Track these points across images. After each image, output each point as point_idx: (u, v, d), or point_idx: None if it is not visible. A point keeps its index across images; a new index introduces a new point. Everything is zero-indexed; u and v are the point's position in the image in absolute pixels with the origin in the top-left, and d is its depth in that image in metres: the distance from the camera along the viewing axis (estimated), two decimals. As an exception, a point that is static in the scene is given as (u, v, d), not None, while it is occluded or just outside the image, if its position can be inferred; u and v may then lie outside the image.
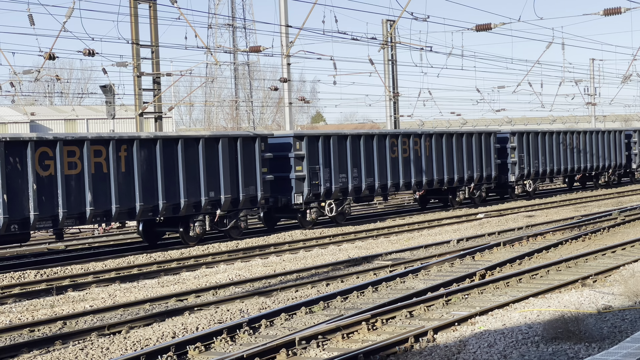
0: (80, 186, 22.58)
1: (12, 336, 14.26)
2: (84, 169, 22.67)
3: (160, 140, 24.58)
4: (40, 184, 21.72)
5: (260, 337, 13.27)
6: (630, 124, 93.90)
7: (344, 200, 30.63)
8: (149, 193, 24.19)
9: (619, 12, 28.84)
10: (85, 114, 77.30)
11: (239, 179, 26.66)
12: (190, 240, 25.72)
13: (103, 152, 23.22)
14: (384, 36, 43.74)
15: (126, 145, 23.78)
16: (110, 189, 23.26)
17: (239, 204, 26.76)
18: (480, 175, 37.09)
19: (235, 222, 26.78)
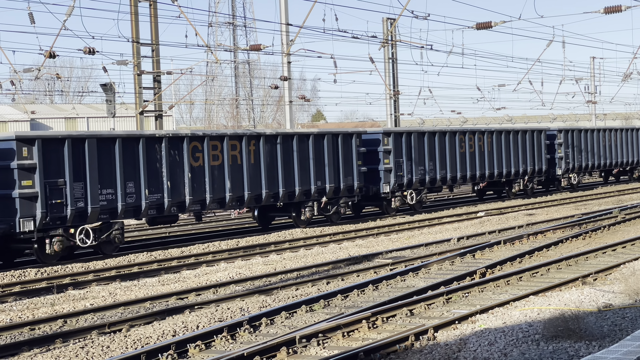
0: (221, 175, 26.25)
1: (12, 334, 14.27)
2: (224, 161, 26.30)
3: (280, 136, 28.20)
4: (193, 173, 25.40)
5: (261, 336, 13.28)
6: (630, 122, 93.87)
7: (421, 190, 34.25)
8: (272, 182, 27.82)
9: (619, 10, 28.82)
10: (86, 113, 77.29)
11: (340, 170, 30.33)
12: (301, 224, 29.30)
13: (238, 146, 26.81)
14: (384, 34, 43.73)
15: (254, 141, 27.36)
16: (243, 178, 26.88)
17: (340, 192, 30.46)
18: (533, 169, 40.79)
19: (337, 207, 30.38)
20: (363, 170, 31.36)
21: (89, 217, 22.86)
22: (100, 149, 23.21)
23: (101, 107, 72.25)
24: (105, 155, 23.37)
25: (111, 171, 23.46)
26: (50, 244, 22.05)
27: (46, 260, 22.29)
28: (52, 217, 21.97)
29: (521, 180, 40.16)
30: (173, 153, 25.03)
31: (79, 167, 22.68)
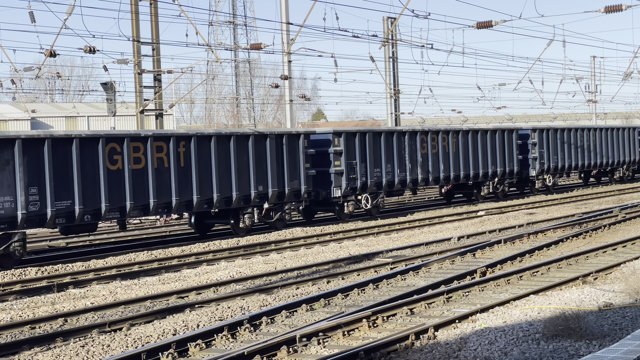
0: (144, 180, 24.09)
1: (13, 333, 14.27)
2: (147, 164, 24.16)
3: (215, 136, 26.04)
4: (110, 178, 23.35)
5: (261, 334, 13.28)
6: (631, 122, 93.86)
7: (378, 194, 32.20)
8: (205, 186, 25.69)
9: (620, 10, 28.81)
10: (86, 111, 77.30)
11: (284, 174, 28.23)
12: (240, 232, 27.18)
13: (164, 148, 24.66)
14: (384, 33, 43.73)
15: (184, 142, 25.28)
16: (171, 182, 24.75)
17: (285, 197, 28.30)
18: (504, 170, 38.74)
19: (281, 214, 28.27)
20: (311, 173, 29.18)
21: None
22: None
23: (102, 106, 72.26)
24: (3, 157, 21.10)
25: (9, 176, 21.11)
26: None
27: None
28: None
29: (490, 182, 37.87)
30: (87, 155, 22.80)
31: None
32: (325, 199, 30.44)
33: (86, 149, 22.77)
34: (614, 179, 49.20)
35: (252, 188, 27.02)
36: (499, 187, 38.68)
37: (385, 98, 46.42)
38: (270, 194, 27.61)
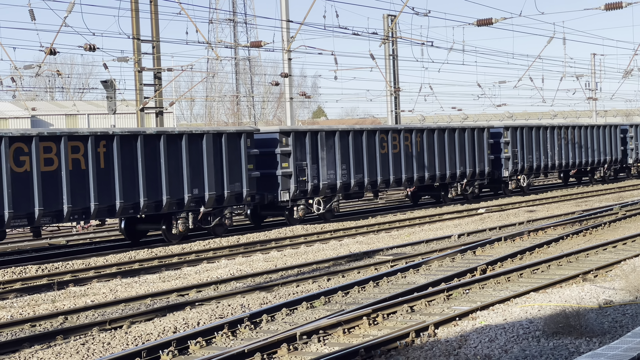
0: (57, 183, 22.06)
1: (13, 331, 14.28)
2: (61, 166, 22.14)
3: (141, 136, 24.00)
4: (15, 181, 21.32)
5: (262, 332, 13.28)
6: (631, 119, 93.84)
7: (332, 197, 30.32)
8: (130, 190, 23.67)
9: (620, 7, 28.80)
10: (86, 109, 77.30)
11: (224, 176, 26.22)
12: (173, 238, 25.21)
13: (81, 149, 22.66)
14: (385, 31, 43.72)
15: (105, 141, 23.18)
16: (89, 186, 22.71)
17: (224, 201, 26.30)
18: (473, 171, 36.72)
19: (220, 219, 26.28)
20: (255, 175, 27.27)
21: None
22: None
23: (102, 103, 72.24)
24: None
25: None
26: None
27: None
28: None
29: (459, 184, 36.02)
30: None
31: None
32: (272, 202, 28.68)
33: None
34: (595, 179, 47.22)
35: (185, 191, 25.03)
36: (467, 189, 36.61)
37: (386, 96, 46.42)
38: (207, 198, 25.62)
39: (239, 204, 27.03)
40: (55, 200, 22.05)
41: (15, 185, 21.32)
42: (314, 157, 29.49)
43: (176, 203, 24.98)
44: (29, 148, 21.63)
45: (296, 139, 28.92)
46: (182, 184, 25.05)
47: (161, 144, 24.52)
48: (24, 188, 21.49)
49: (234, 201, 26.67)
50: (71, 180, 22.30)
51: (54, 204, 22.04)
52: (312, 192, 29.46)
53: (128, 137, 23.77)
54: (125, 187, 23.52)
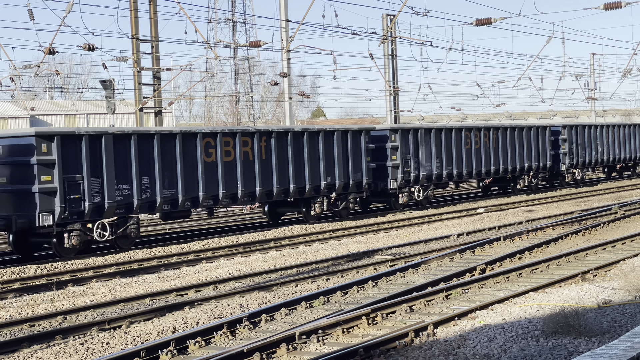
0: (234, 171, 26.78)
1: (12, 331, 14.28)
2: (236, 157, 26.86)
3: (291, 133, 28.55)
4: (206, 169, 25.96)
5: (261, 332, 13.28)
6: (630, 119, 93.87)
7: (428, 186, 34.88)
8: (283, 178, 28.38)
9: (619, 7, 28.80)
10: (86, 109, 77.26)
11: (349, 166, 30.67)
12: (311, 219, 29.67)
13: (249, 143, 27.43)
14: (384, 31, 43.71)
15: (266, 137, 27.91)
16: (255, 173, 27.45)
17: (349, 188, 30.76)
18: (538, 164, 41.15)
19: (346, 203, 30.70)
20: (372, 166, 31.75)
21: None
22: None
23: (101, 103, 72.22)
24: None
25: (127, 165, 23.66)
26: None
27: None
28: None
29: (526, 176, 40.53)
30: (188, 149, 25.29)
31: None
32: (383, 190, 32.89)
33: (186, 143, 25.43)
34: (636, 172, 51.42)
35: (322, 179, 29.69)
36: (533, 181, 41.15)
37: (385, 95, 46.41)
38: (337, 185, 30.12)
39: (360, 191, 31.37)
40: (233, 185, 26.70)
41: (207, 172, 25.82)
42: (415, 151, 33.77)
43: (314, 189, 29.39)
44: (214, 142, 26.26)
45: (402, 136, 33.20)
46: (319, 173, 29.61)
47: (304, 140, 29.04)
48: (212, 174, 26.06)
49: (356, 188, 31.12)
50: (243, 169, 27.00)
51: (232, 188, 26.67)
52: (414, 181, 33.71)
53: (280, 133, 28.41)
54: (280, 176, 28.12)
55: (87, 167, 22.78)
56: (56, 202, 22.19)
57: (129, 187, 23.80)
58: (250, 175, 27.22)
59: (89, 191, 22.74)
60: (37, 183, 21.94)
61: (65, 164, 22.40)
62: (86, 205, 22.74)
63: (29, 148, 22.25)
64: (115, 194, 23.39)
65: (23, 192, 22.22)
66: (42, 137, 22.25)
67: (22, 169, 22.28)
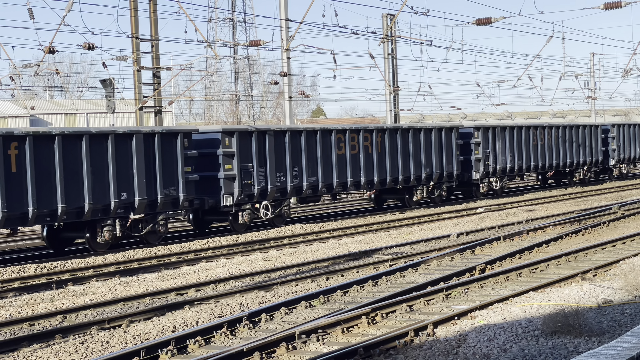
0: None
1: (12, 330, 14.27)
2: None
3: (59, 137, 22.16)
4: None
5: (261, 331, 13.28)
6: (630, 118, 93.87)
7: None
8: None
9: (619, 6, 28.79)
10: (85, 108, 77.28)
11: (156, 179, 24.47)
12: (98, 247, 23.48)
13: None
14: (384, 30, 43.70)
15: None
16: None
17: (157, 207, 24.56)
18: (441, 173, 35.18)
19: (153, 226, 24.49)
20: (193, 178, 25.44)
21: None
22: None
23: (101, 102, 72.19)
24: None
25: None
26: None
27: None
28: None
29: (424, 186, 34.37)
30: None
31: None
32: (214, 207, 27.03)
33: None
34: (574, 181, 45.72)
35: (422, 170, 32.86)
36: (435, 192, 35.29)
37: (385, 95, 46.40)
38: (138, 203, 23.85)
39: (175, 209, 25.53)
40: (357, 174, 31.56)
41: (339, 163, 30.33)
42: (261, 159, 28.07)
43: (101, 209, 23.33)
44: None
45: (241, 140, 27.42)
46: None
47: (83, 145, 22.71)
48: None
49: (169, 206, 25.11)
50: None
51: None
52: (259, 195, 27.95)
53: (44, 137, 22.03)
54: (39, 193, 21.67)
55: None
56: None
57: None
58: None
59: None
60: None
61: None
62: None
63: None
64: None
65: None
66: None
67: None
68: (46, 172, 21.91)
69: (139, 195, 23.93)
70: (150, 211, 24.47)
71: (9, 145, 21.26)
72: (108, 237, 23.39)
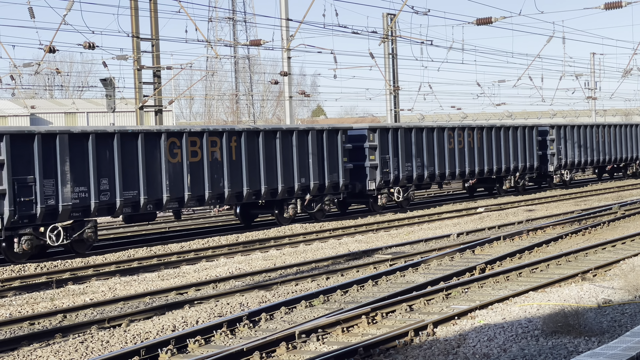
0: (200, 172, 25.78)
1: (12, 329, 14.27)
2: (203, 157, 25.84)
3: (262, 132, 27.53)
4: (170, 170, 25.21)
5: (261, 331, 13.28)
6: (630, 118, 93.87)
7: (408, 187, 33.89)
8: (253, 179, 27.32)
9: (619, 6, 28.79)
10: (86, 107, 77.27)
11: (325, 167, 29.67)
12: (284, 221, 28.55)
13: (218, 143, 26.39)
14: (384, 30, 43.69)
15: (235, 137, 26.87)
16: (224, 174, 26.43)
17: (325, 190, 29.81)
18: (524, 165, 40.03)
19: (321, 205, 29.70)
20: (349, 167, 30.74)
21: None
22: None
23: (101, 102, 72.22)
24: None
25: None
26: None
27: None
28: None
29: (512, 177, 39.43)
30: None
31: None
32: (361, 191, 31.99)
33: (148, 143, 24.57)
34: (627, 174, 50.41)
35: (295, 181, 28.76)
36: (519, 182, 40.11)
37: (385, 94, 46.40)
38: (312, 186, 29.19)
39: (336, 192, 30.48)
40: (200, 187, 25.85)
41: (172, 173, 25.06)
42: (394, 151, 32.79)
43: (287, 191, 28.37)
44: (180, 142, 25.30)
45: (381, 135, 32.22)
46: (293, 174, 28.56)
47: (277, 140, 28.12)
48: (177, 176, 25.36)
49: (332, 189, 30.21)
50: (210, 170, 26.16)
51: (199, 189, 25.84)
52: (393, 182, 32.75)
53: (252, 133, 27.34)
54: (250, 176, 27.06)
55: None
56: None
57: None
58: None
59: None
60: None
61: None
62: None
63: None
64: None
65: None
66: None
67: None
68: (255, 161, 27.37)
69: (313, 180, 29.13)
70: (319, 193, 29.51)
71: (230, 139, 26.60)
72: (292, 213, 28.64)
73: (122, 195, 23.53)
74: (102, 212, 23.52)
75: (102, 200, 23.09)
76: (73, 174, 22.40)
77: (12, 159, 21.35)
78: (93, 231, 23.13)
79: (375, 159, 32.05)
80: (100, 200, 23.03)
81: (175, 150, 25.12)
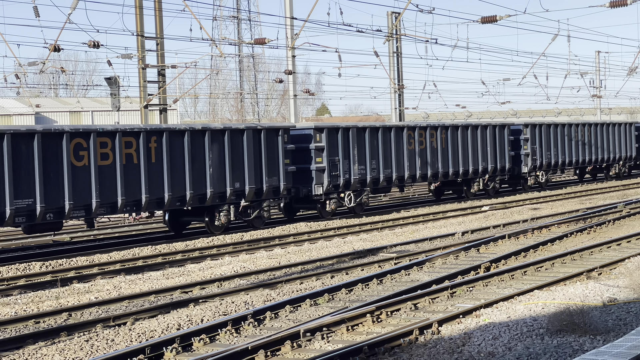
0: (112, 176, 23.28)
1: (17, 327, 14.29)
2: (115, 160, 23.36)
3: (188, 132, 25.19)
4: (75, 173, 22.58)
5: (265, 329, 13.28)
6: (636, 117, 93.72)
7: (362, 192, 31.36)
8: (177, 183, 24.89)
9: (625, 4, 28.74)
10: (90, 106, 77.37)
11: (262, 170, 27.31)
12: (216, 230, 26.29)
13: (134, 144, 23.86)
14: (389, 28, 43.68)
15: (156, 137, 24.42)
16: (141, 179, 23.92)
17: (263, 195, 27.42)
18: (495, 166, 37.62)
19: (259, 212, 27.42)
20: (291, 169, 28.23)
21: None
22: None
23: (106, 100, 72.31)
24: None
25: None
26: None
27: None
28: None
29: (481, 179, 36.95)
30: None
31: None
32: (306, 196, 29.47)
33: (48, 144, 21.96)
34: (610, 175, 47.79)
35: (227, 185, 26.06)
36: (489, 184, 37.62)
37: (390, 93, 46.40)
38: (247, 191, 26.64)
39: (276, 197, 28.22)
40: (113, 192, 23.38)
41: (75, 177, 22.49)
42: (345, 153, 30.36)
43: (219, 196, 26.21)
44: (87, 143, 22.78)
45: (329, 135, 29.84)
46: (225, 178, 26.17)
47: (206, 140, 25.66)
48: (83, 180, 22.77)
49: (271, 194, 28.04)
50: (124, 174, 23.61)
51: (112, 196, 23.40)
52: (343, 186, 30.39)
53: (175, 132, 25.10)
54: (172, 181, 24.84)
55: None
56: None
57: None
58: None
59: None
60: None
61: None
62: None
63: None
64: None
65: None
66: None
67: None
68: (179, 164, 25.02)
69: (248, 184, 26.72)
70: (257, 198, 27.15)
71: None
72: (224, 221, 26.23)
73: (13, 203, 21.04)
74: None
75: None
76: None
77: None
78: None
79: (323, 162, 29.43)
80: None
81: (82, 153, 22.57)
